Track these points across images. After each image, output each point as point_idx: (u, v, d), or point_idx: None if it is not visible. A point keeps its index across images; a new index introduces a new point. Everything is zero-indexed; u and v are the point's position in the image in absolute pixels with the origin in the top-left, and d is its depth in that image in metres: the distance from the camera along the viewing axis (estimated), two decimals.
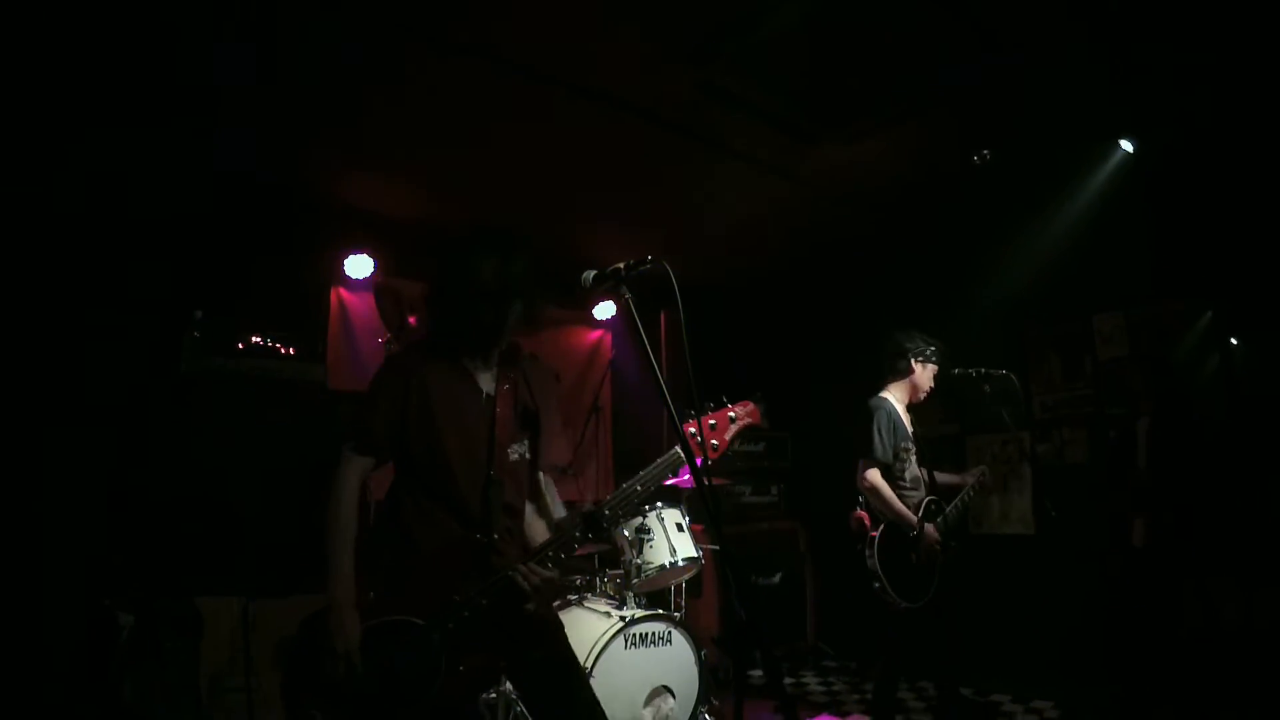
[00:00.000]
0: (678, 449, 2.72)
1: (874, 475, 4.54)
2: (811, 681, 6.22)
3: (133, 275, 4.56)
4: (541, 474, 3.06)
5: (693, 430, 2.71)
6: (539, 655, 2.78)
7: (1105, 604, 5.49)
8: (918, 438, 4.71)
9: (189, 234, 4.86)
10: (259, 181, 5.16)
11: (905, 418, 4.68)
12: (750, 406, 2.85)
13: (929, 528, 4.45)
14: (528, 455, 2.86)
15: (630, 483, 2.77)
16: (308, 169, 5.14)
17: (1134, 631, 5.24)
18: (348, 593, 2.53)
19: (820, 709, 5.48)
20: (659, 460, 2.78)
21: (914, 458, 4.64)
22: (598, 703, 2.85)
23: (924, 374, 4.67)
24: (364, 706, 2.52)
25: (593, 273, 2.40)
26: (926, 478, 4.67)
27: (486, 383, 2.82)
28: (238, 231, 5.11)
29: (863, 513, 4.58)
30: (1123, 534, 5.23)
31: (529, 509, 2.99)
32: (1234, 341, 5.44)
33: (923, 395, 4.71)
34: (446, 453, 2.68)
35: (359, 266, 5.75)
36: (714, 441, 2.76)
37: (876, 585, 4.44)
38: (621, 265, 2.34)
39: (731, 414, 2.79)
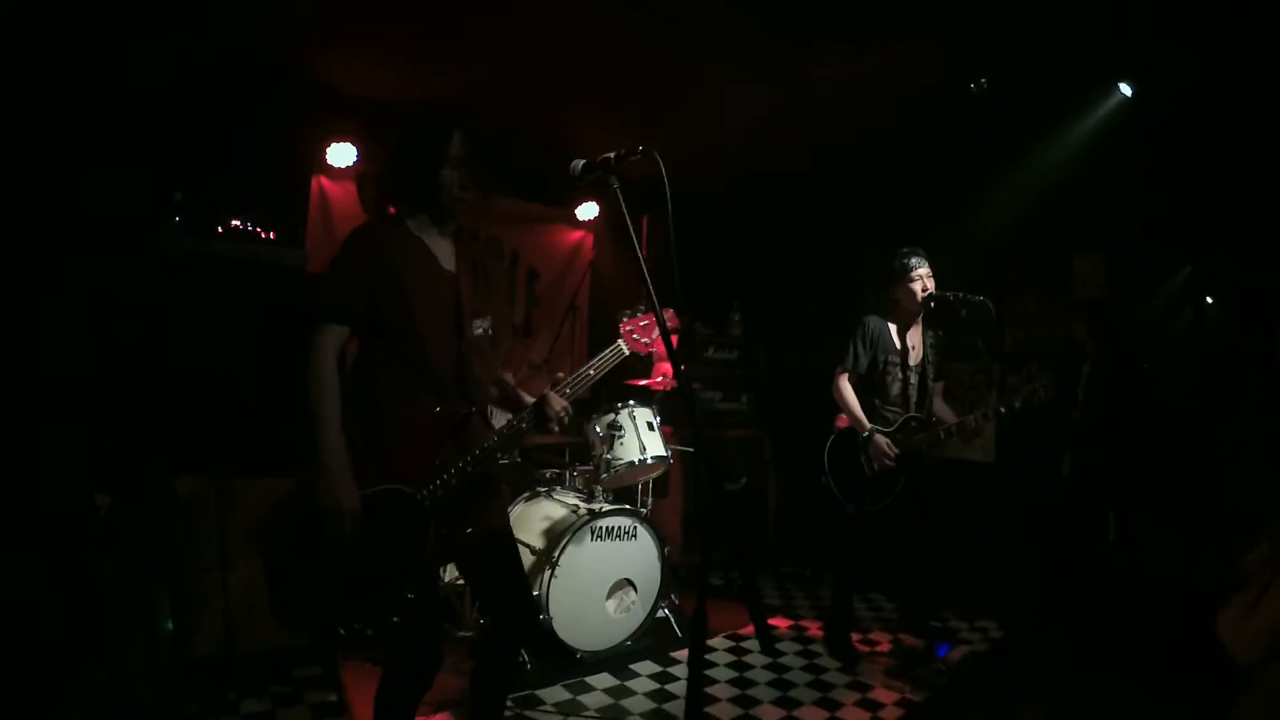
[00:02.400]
0: (621, 343, 3.04)
1: (840, 380, 4.66)
2: (767, 586, 6.39)
3: (111, 155, 4.49)
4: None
5: (629, 329, 3.09)
6: (493, 526, 2.93)
7: (1037, 532, 5.80)
8: (923, 361, 4.72)
9: (170, 114, 4.78)
10: (242, 64, 5.05)
11: (897, 336, 4.69)
12: (669, 311, 2.93)
13: (879, 438, 4.49)
14: (490, 331, 2.91)
15: (584, 368, 2.97)
16: (291, 51, 5.03)
17: (1061, 562, 5.59)
18: (341, 456, 2.57)
19: (774, 613, 5.66)
20: (607, 350, 3.04)
21: (899, 374, 4.66)
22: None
23: (910, 287, 4.59)
24: (359, 574, 2.60)
25: (582, 161, 2.41)
26: (917, 398, 4.69)
27: (446, 259, 2.86)
28: (220, 114, 5.02)
29: (843, 418, 4.68)
30: (1054, 466, 5.56)
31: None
32: (1209, 300, 5.51)
33: (919, 304, 4.60)
34: (417, 324, 2.71)
35: (342, 155, 5.69)
36: (645, 339, 3.07)
37: (823, 479, 4.63)
38: (611, 154, 2.34)
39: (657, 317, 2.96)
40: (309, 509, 2.55)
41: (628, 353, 3.07)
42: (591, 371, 2.99)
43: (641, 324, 3.10)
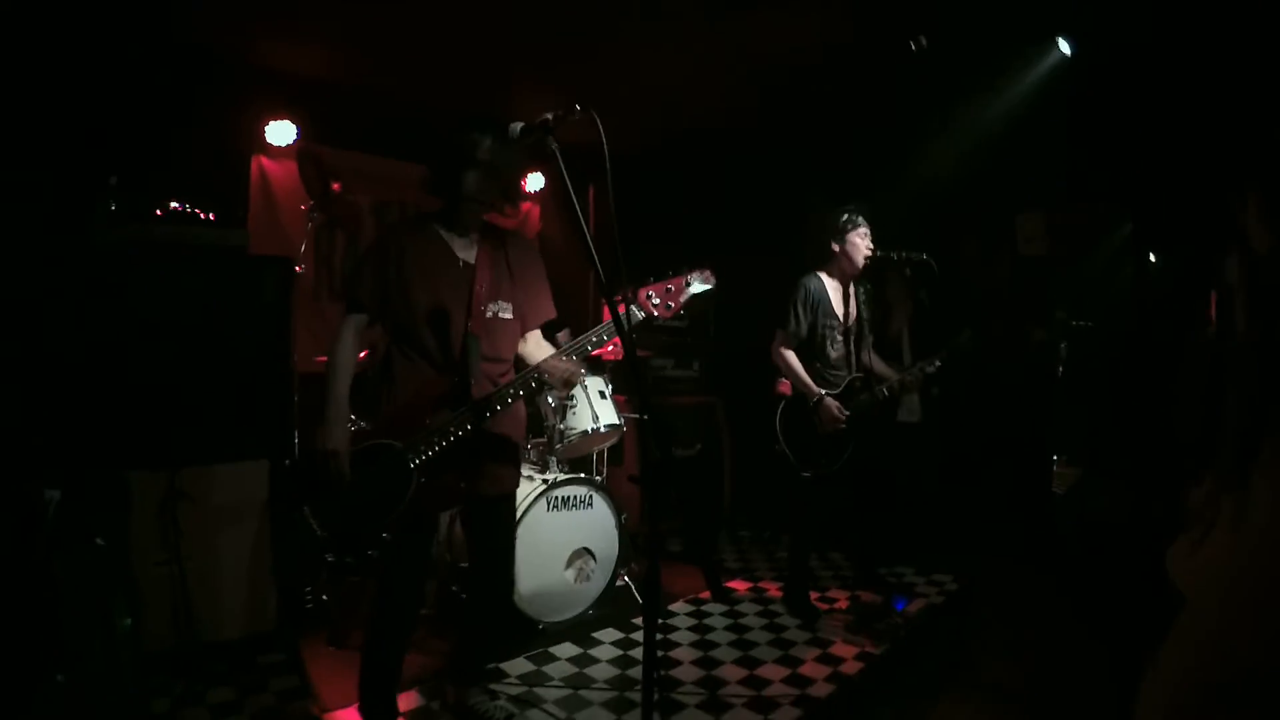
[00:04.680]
0: (634, 307, 3.02)
1: (782, 345, 4.70)
2: (726, 549, 6.45)
3: (42, 138, 4.39)
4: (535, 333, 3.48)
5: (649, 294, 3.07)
6: (486, 492, 3.28)
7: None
8: (859, 319, 4.76)
9: (102, 95, 4.67)
10: (176, 42, 4.95)
11: (836, 297, 4.72)
12: (707, 273, 3.02)
13: (829, 402, 4.53)
14: (506, 315, 3.25)
15: (582, 339, 3.13)
16: (227, 28, 4.93)
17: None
18: (340, 411, 3.06)
19: (734, 575, 5.71)
20: (600, 326, 3.16)
21: (839, 336, 4.70)
22: (514, 547, 3.64)
23: (851, 248, 4.62)
24: (349, 511, 3.04)
25: (520, 124, 2.42)
26: (855, 359, 4.73)
27: (465, 252, 3.23)
28: (155, 94, 4.92)
29: (785, 383, 4.72)
30: None
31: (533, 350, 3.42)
32: (1152, 257, 5.61)
33: (858, 267, 4.66)
34: (421, 310, 3.10)
35: (281, 133, 5.63)
36: (670, 304, 3.02)
37: (776, 446, 4.67)
38: (549, 115, 2.34)
39: (688, 280, 2.99)
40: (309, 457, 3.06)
41: (641, 315, 3.01)
42: (593, 339, 3.14)
43: (667, 288, 3.00)
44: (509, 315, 3.27)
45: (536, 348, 3.43)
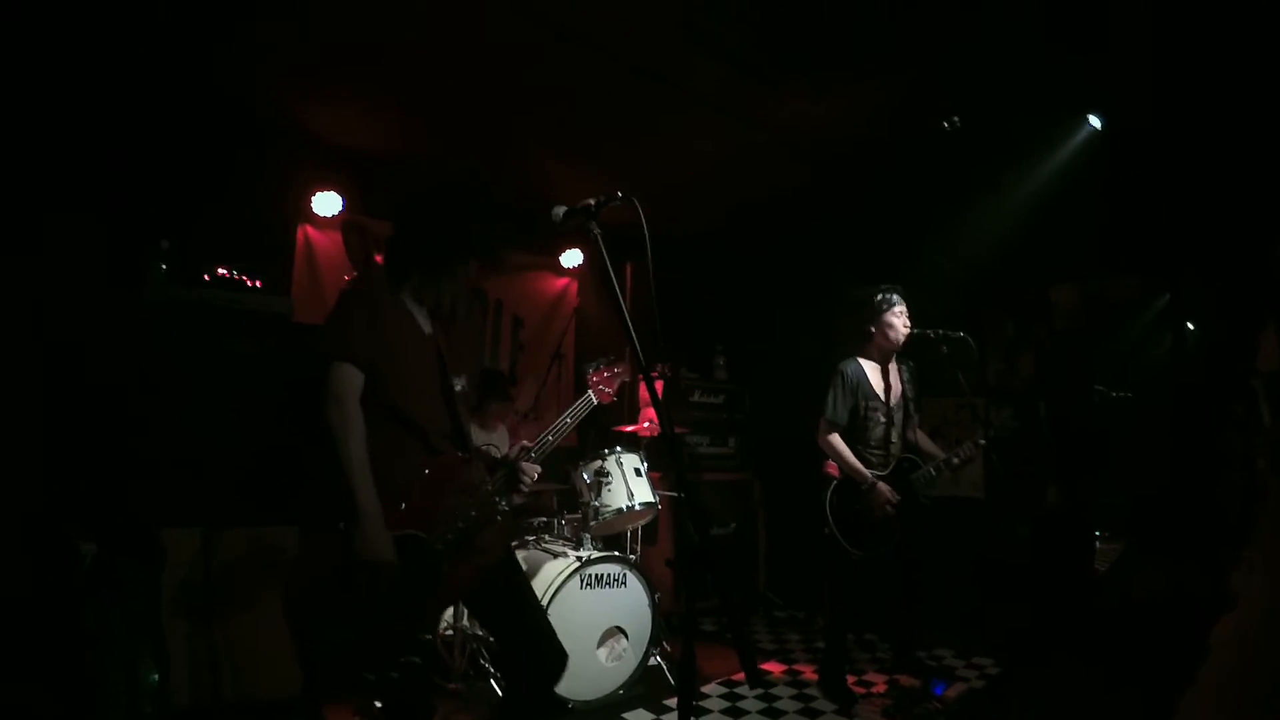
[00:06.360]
0: (590, 394, 3.36)
1: (827, 432, 4.69)
2: (760, 630, 6.33)
3: (99, 202, 4.53)
4: None
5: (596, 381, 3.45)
6: (501, 565, 2.99)
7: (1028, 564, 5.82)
8: (903, 398, 4.77)
9: (158, 163, 4.82)
10: (229, 114, 5.10)
11: (875, 377, 4.74)
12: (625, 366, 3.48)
13: (881, 486, 4.53)
14: (459, 387, 3.00)
15: (560, 419, 3.21)
16: (277, 100, 5.07)
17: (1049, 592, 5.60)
18: (378, 505, 2.57)
19: (768, 657, 5.61)
20: (578, 402, 3.28)
21: (881, 417, 4.70)
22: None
23: (887, 327, 4.66)
24: (381, 620, 2.61)
25: (563, 208, 2.43)
26: (899, 440, 4.74)
27: (424, 323, 2.96)
28: (207, 163, 5.06)
29: (833, 464, 4.70)
30: (1039, 497, 5.74)
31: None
32: (1189, 326, 5.55)
33: (896, 346, 4.69)
34: (410, 377, 2.79)
35: (327, 204, 5.72)
36: (609, 390, 3.41)
37: (826, 530, 4.61)
38: (592, 200, 2.37)
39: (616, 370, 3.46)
40: (339, 563, 2.55)
41: (595, 403, 3.33)
42: (569, 420, 3.21)
43: (606, 375, 3.40)
44: (466, 388, 3.03)
45: None
